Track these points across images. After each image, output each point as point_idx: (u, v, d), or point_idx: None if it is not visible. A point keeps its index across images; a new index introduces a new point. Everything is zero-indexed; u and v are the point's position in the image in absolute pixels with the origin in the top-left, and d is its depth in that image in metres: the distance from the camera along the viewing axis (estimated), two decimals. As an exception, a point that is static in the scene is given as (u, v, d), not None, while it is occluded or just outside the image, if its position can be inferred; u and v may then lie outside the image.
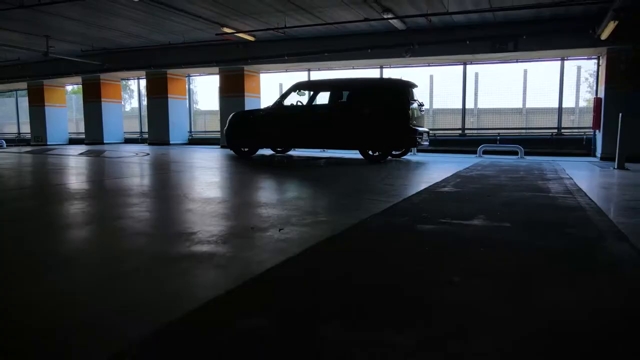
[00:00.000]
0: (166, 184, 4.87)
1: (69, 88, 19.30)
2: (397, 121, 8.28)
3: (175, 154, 10.24)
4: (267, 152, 10.61)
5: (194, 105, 19.22)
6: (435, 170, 6.85)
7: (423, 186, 4.59)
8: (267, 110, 9.42)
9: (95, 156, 9.05)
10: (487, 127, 12.40)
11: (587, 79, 13.31)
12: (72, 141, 17.69)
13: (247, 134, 9.41)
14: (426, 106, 10.99)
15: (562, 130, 11.44)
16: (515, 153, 10.72)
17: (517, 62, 11.38)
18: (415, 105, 8.56)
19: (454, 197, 3.96)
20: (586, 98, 13.53)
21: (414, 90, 8.83)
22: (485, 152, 10.74)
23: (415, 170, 6.88)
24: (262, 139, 9.34)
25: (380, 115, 8.38)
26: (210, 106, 18.34)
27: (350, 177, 5.69)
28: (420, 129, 8.57)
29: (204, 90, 24.56)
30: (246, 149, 9.53)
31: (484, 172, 6.41)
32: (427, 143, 9.00)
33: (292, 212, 3.08)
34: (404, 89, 8.50)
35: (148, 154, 9.79)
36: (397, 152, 9.30)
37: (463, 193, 4.20)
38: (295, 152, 10.60)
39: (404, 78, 9.28)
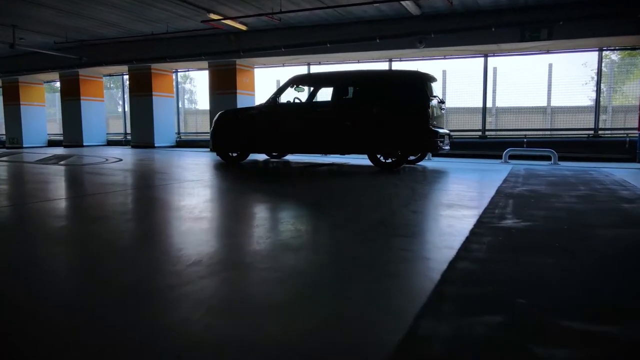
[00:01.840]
0: (93, 214, 3.44)
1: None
2: (414, 121, 6.85)
3: (152, 159, 8.82)
4: (261, 156, 9.19)
5: (193, 105, 17.85)
6: (467, 184, 5.41)
7: (471, 216, 3.15)
8: (260, 108, 7.99)
9: (54, 163, 7.62)
10: (512, 128, 10.94)
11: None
12: (52, 143, 16.27)
13: (236, 137, 7.98)
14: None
15: (599, 132, 9.97)
16: (545, 158, 9.30)
17: (547, 53, 9.93)
18: (434, 102, 7.12)
19: (533, 240, 2.52)
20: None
21: (433, 84, 7.41)
22: (510, 157, 9.30)
23: (442, 184, 5.44)
24: (254, 143, 7.90)
25: (394, 114, 6.96)
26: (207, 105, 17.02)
27: (362, 197, 4.25)
28: (441, 130, 7.13)
29: (204, 88, 23.27)
30: (235, 154, 8.10)
31: (532, 186, 4.96)
32: (448, 147, 7.55)
33: (270, 288, 1.65)
34: (422, 82, 7.05)
35: (120, 160, 8.36)
36: (412, 158, 7.86)
37: (539, 231, 2.76)
38: (292, 157, 9.17)
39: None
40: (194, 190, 4.56)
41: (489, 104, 11.38)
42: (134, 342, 1.25)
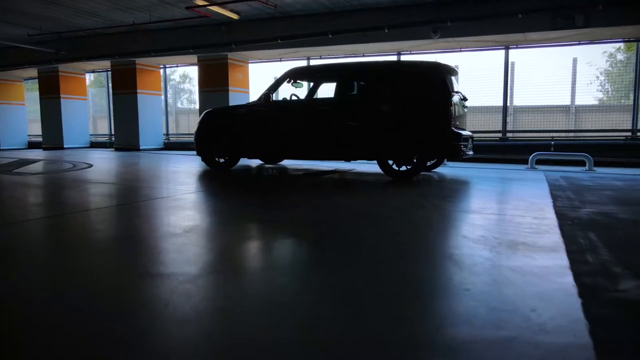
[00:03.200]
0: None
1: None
2: (433, 122, 5.74)
3: (128, 166, 7.68)
4: (254, 160, 8.06)
5: (193, 106, 16.81)
6: (508, 202, 4.25)
7: (556, 270, 2.02)
8: (251, 106, 6.86)
9: (6, 172, 6.48)
10: (537, 129, 9.79)
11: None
12: (33, 145, 15.13)
13: (224, 140, 6.86)
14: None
15: (639, 133, 8.82)
16: (574, 163, 8.18)
17: (578, 44, 8.77)
18: (456, 98, 5.97)
19: None
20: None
21: (454, 78, 6.27)
22: (537, 162, 8.17)
23: (476, 202, 4.29)
24: (244, 146, 6.76)
25: (409, 113, 5.84)
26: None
27: (377, 229, 3.11)
28: (464, 132, 6.00)
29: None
30: (222, 160, 6.97)
31: (597, 206, 3.82)
32: (471, 152, 6.42)
33: None
34: (442, 75, 5.91)
35: (90, 166, 7.23)
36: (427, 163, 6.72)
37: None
38: (290, 162, 8.04)
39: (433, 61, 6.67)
40: (151, 214, 3.42)
41: (501, 103, 10.21)
42: None
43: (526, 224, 3.12)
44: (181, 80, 23.00)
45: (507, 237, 2.68)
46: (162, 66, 12.71)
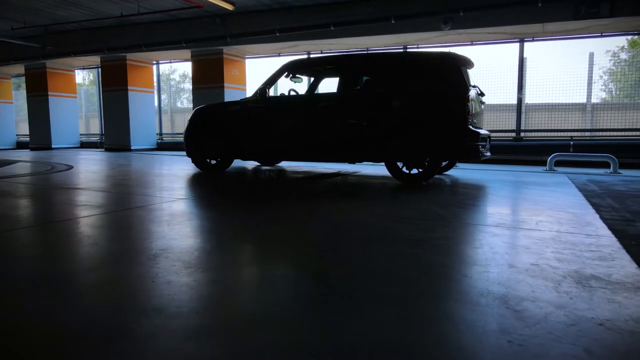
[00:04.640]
0: None
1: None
2: (448, 119, 5.14)
3: (112, 168, 7.06)
4: (248, 162, 7.44)
5: (192, 105, 16.30)
6: (543, 214, 3.60)
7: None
8: (246, 103, 6.25)
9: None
10: (554, 128, 9.15)
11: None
12: (22, 145, 14.52)
13: (216, 139, 6.27)
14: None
15: (665, 133, 8.20)
16: (596, 165, 7.58)
17: (600, 36, 8.14)
18: (473, 93, 5.35)
19: None
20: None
21: (470, 70, 5.65)
22: (555, 163, 7.55)
23: (505, 214, 3.67)
24: (238, 147, 6.15)
25: (421, 110, 5.24)
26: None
27: (395, 255, 2.48)
28: (482, 131, 5.37)
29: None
30: (214, 162, 6.36)
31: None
32: (489, 153, 5.80)
33: None
34: (457, 67, 5.28)
35: (70, 168, 6.61)
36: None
37: None
38: (288, 164, 7.42)
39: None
40: (111, 232, 2.79)
41: (514, 100, 9.58)
42: None
43: (581, 244, 2.49)
44: (181, 80, 22.59)
45: (568, 267, 2.05)
46: (154, 62, 12.07)
